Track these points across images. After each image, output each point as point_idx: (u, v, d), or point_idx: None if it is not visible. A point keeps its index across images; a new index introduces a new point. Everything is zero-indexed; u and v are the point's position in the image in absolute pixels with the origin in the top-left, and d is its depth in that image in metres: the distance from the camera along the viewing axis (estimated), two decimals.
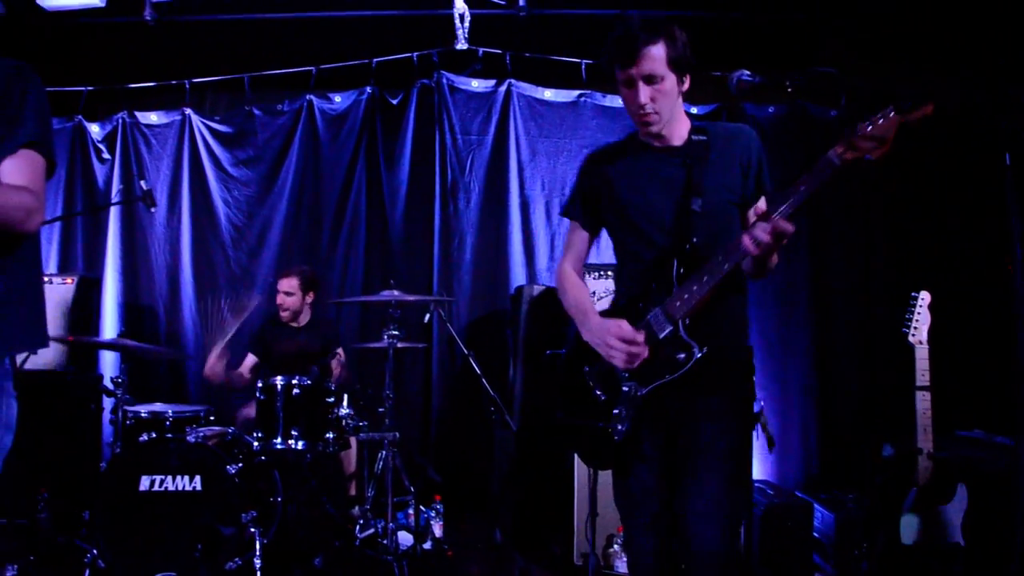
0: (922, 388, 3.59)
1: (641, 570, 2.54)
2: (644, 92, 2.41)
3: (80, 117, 6.07)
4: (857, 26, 5.41)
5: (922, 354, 3.61)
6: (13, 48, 4.95)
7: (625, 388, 2.43)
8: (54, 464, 4.99)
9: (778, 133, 5.71)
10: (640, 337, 2.38)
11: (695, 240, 2.40)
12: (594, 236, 2.73)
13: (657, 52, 2.40)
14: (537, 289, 5.05)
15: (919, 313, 3.64)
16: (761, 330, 5.59)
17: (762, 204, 2.54)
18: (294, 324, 5.26)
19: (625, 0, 5.41)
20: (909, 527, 3.55)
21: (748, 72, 2.54)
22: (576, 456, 4.31)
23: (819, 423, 5.53)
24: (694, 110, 5.75)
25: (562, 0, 5.43)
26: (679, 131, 2.55)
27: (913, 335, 3.63)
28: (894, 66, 5.45)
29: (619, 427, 2.43)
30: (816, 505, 4.55)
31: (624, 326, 2.39)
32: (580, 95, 5.76)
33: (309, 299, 5.25)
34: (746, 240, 2.23)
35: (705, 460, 2.40)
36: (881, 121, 2.19)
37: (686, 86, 2.53)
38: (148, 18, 5.35)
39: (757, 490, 4.72)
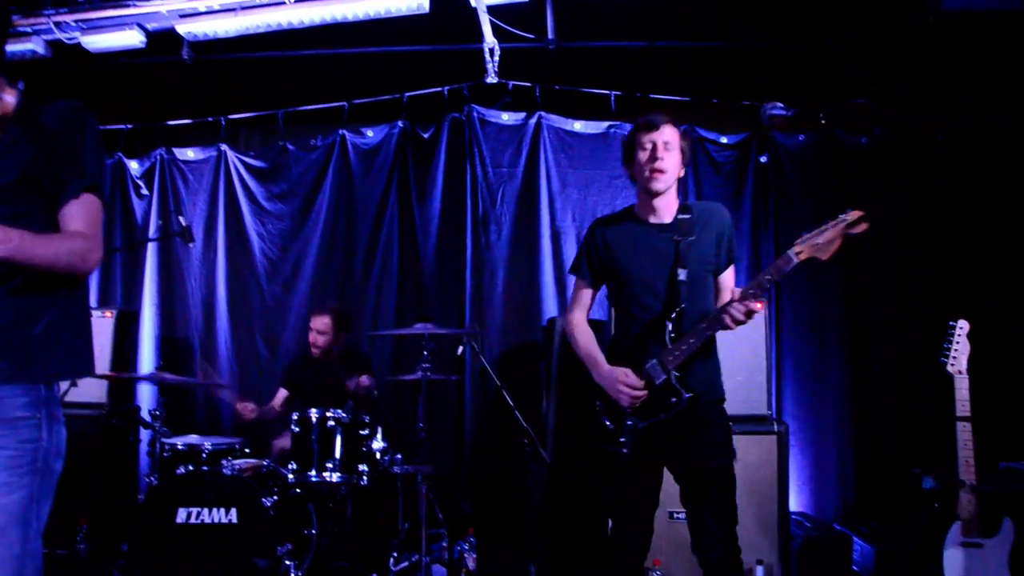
0: (963, 419, 3.54)
1: (626, 559, 3.16)
2: (660, 151, 3.08)
3: (120, 154, 6.21)
4: (886, 53, 5.41)
5: (962, 384, 3.56)
6: (59, 88, 5.11)
7: (629, 422, 3.06)
8: (93, 495, 5.05)
9: (808, 161, 5.71)
10: (642, 383, 3.02)
11: (683, 306, 3.03)
12: (597, 291, 3.36)
13: (673, 131, 3.13)
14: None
15: (958, 342, 3.60)
16: (795, 361, 5.55)
17: (728, 273, 3.23)
18: (325, 360, 5.30)
19: (653, 32, 5.46)
20: (952, 562, 3.48)
21: (781, 105, 2.62)
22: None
23: (856, 454, 5.46)
24: (724, 139, 5.77)
25: (590, 33, 5.47)
26: (670, 209, 3.17)
27: (952, 365, 3.58)
28: (924, 92, 5.44)
29: (623, 450, 3.06)
30: (855, 538, 4.49)
31: (630, 374, 3.04)
32: (610, 126, 5.78)
33: (341, 339, 5.29)
34: (726, 318, 2.91)
35: (706, 480, 3.03)
36: (828, 231, 2.87)
37: (682, 173, 3.19)
38: (185, 57, 5.46)
39: (794, 522, 4.67)
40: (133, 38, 5.19)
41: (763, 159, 5.68)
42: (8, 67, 2.28)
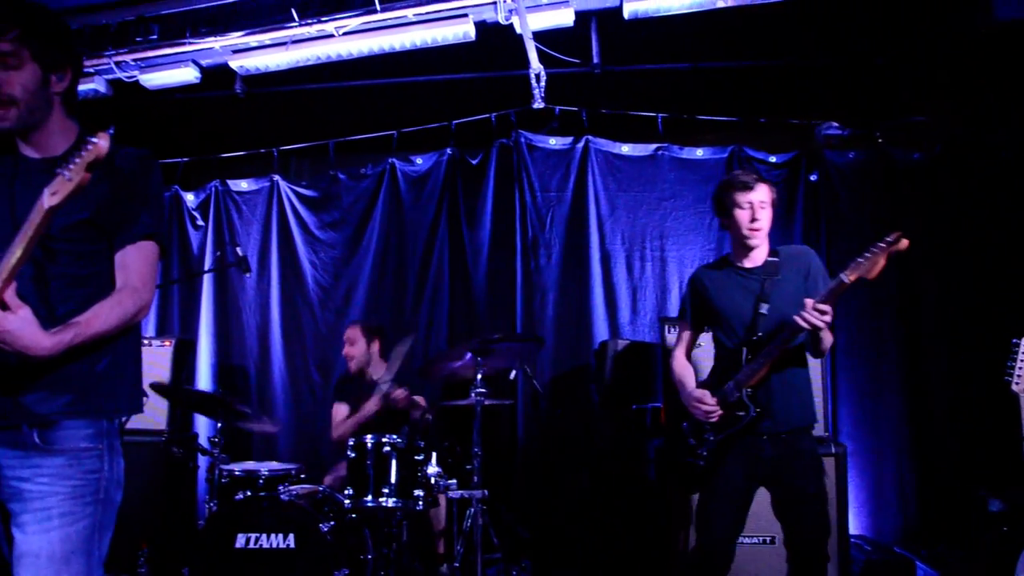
0: None
1: (710, 561, 3.36)
2: (759, 212, 3.41)
3: (176, 187, 6.37)
4: (938, 67, 5.34)
5: None
6: (118, 125, 5.27)
7: (708, 436, 3.42)
8: (154, 520, 5.14)
9: (859, 178, 5.65)
10: (713, 401, 3.40)
11: (760, 334, 3.36)
12: (698, 332, 3.76)
13: (766, 188, 3.45)
14: (621, 344, 5.05)
15: (1022, 360, 3.53)
16: (851, 381, 5.47)
17: None
18: (373, 376, 5.36)
19: (698, 53, 5.46)
20: None
21: (836, 124, 2.65)
22: (671, 520, 4.41)
23: (915, 475, 5.34)
24: (773, 159, 5.74)
25: (635, 56, 5.49)
26: (762, 255, 3.50)
27: (1017, 383, 3.51)
28: (978, 105, 5.36)
29: (700, 463, 3.43)
30: (918, 562, 4.40)
31: (706, 394, 3.44)
32: (657, 148, 5.79)
33: (375, 348, 5.33)
34: (798, 320, 3.15)
35: (805, 494, 3.30)
36: (875, 254, 3.11)
37: (771, 217, 3.49)
38: (238, 91, 5.59)
39: (854, 546, 4.58)
40: (188, 74, 5.33)
41: (813, 177, 5.64)
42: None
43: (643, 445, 4.88)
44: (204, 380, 6.19)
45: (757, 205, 3.41)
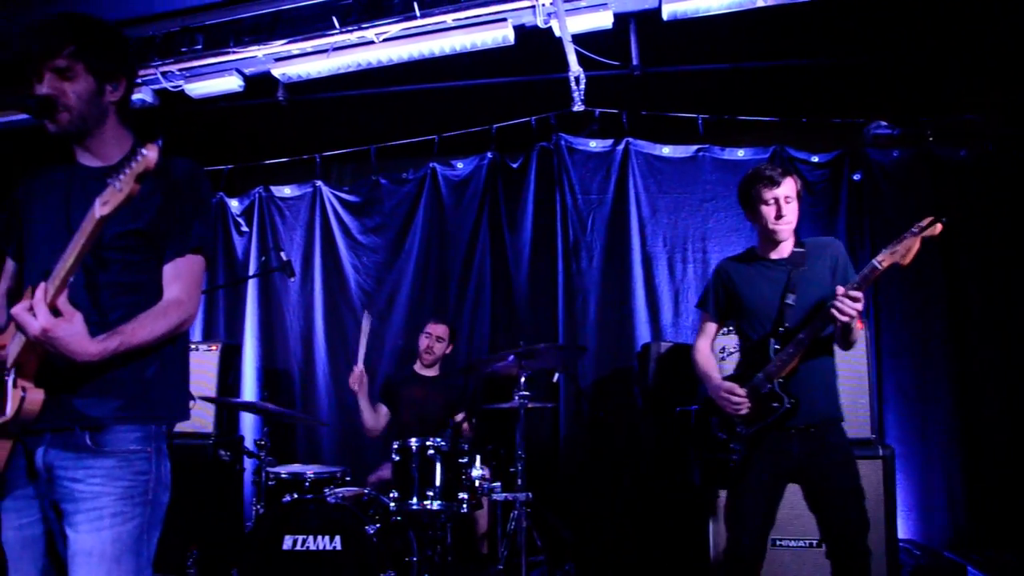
0: None
1: (741, 558, 3.34)
2: (785, 208, 3.42)
3: (222, 194, 6.47)
4: (986, 63, 5.25)
5: None
6: (164, 133, 5.36)
7: (738, 429, 3.40)
8: (202, 522, 5.22)
9: (903, 176, 5.55)
10: (743, 392, 3.36)
11: (787, 325, 3.36)
12: (721, 324, 3.77)
13: (792, 183, 3.48)
14: (664, 346, 5.03)
15: None
16: (897, 382, 5.39)
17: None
18: (424, 372, 5.41)
19: (738, 54, 5.43)
20: None
21: (885, 124, 2.64)
22: (711, 520, 4.38)
23: (965, 477, 5.25)
24: (815, 158, 5.68)
25: (675, 57, 5.47)
26: (788, 247, 3.51)
27: None
28: None
29: (733, 457, 3.40)
30: (969, 567, 4.33)
31: (734, 386, 3.39)
32: (698, 149, 5.76)
33: (448, 350, 5.43)
34: (834, 312, 3.14)
35: (842, 489, 3.28)
36: (907, 240, 3.10)
37: (798, 211, 3.51)
38: (281, 98, 5.65)
39: (902, 551, 4.52)
40: (232, 83, 5.40)
41: (856, 177, 5.57)
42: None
43: (686, 448, 4.85)
44: (249, 384, 6.27)
45: (783, 200, 3.42)
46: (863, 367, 4.45)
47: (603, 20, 4.84)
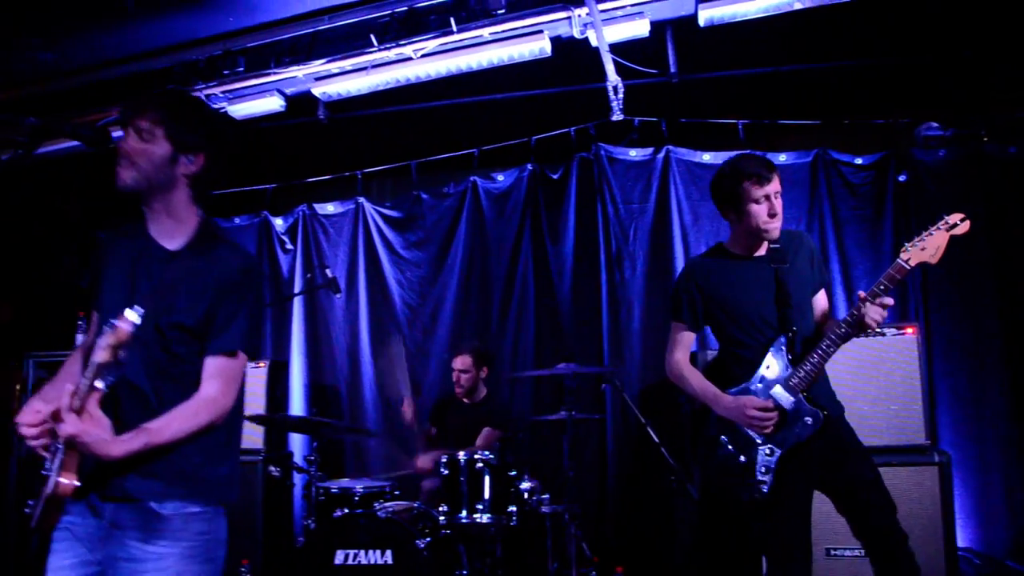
0: None
1: None
2: (776, 205, 3.20)
3: (266, 212, 6.56)
4: None
5: None
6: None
7: (765, 450, 3.11)
8: (253, 537, 5.28)
9: (951, 176, 5.45)
10: (772, 405, 3.10)
11: (794, 328, 3.17)
12: (699, 332, 3.50)
13: (778, 177, 3.24)
14: (711, 354, 4.99)
15: None
16: (950, 385, 5.28)
17: (822, 293, 3.43)
18: (468, 400, 5.40)
19: (776, 57, 5.38)
20: None
21: (936, 125, 2.60)
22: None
23: None
24: (859, 160, 5.62)
25: (713, 63, 5.44)
26: (765, 243, 3.31)
27: None
28: None
29: (765, 480, 3.10)
30: None
31: (757, 400, 3.12)
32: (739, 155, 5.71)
33: (483, 374, 5.39)
34: (870, 322, 3.02)
35: (865, 481, 3.13)
36: (933, 235, 2.98)
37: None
38: (321, 117, 5.71)
39: (962, 559, 4.43)
40: (274, 103, 5.47)
41: (902, 178, 5.49)
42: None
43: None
44: (297, 400, 6.34)
45: (774, 197, 3.20)
46: (915, 371, 4.36)
47: (640, 28, 4.83)
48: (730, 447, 3.21)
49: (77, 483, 2.16)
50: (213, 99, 5.38)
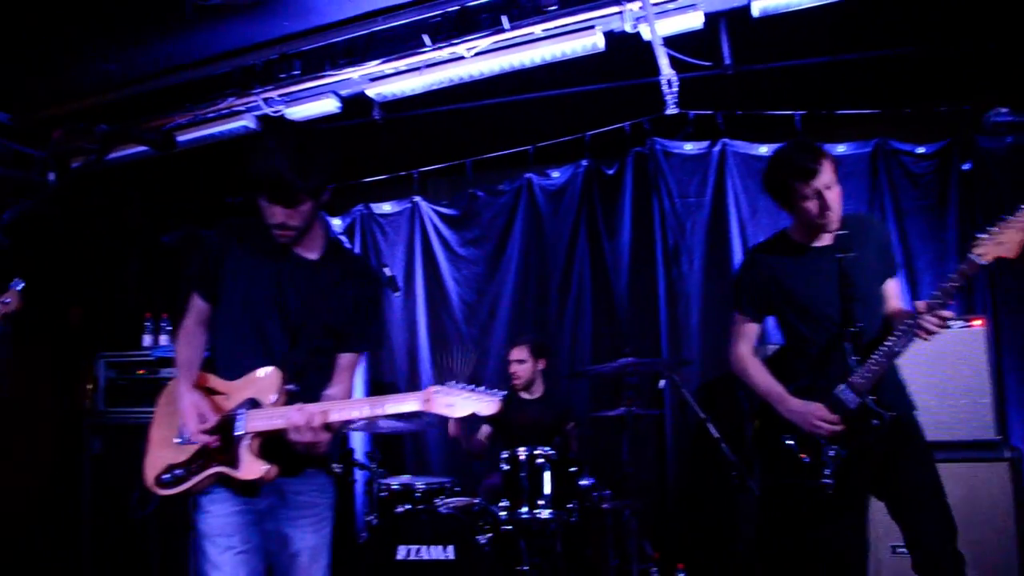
0: None
1: None
2: (828, 198, 2.99)
3: (322, 213, 6.62)
4: None
5: None
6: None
7: (830, 452, 3.00)
8: None
9: (1018, 163, 5.31)
10: (837, 417, 2.97)
11: (860, 324, 3.00)
12: (761, 323, 3.37)
13: (829, 165, 3.02)
14: (771, 349, 4.93)
15: None
16: (1020, 378, 5.13)
17: (893, 283, 3.22)
18: (527, 395, 5.42)
19: (833, 46, 5.29)
20: None
21: (1006, 111, 2.51)
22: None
23: None
24: (920, 149, 5.50)
25: (768, 54, 5.36)
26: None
27: None
28: None
29: (829, 482, 2.98)
30: None
31: (823, 410, 2.99)
32: None
33: (541, 366, 5.40)
34: (921, 332, 2.84)
35: (924, 492, 2.97)
36: (1010, 228, 2.74)
37: (841, 193, 3.09)
38: (376, 117, 5.77)
39: None
40: (330, 105, 5.53)
41: (966, 166, 5.36)
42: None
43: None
44: (358, 396, 6.40)
45: (824, 191, 2.98)
46: (983, 365, 4.26)
47: (693, 21, 4.79)
48: (794, 446, 3.11)
49: (276, 469, 2.60)
50: (271, 102, 5.47)
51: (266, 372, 2.67)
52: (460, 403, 2.44)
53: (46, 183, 2.43)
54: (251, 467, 2.59)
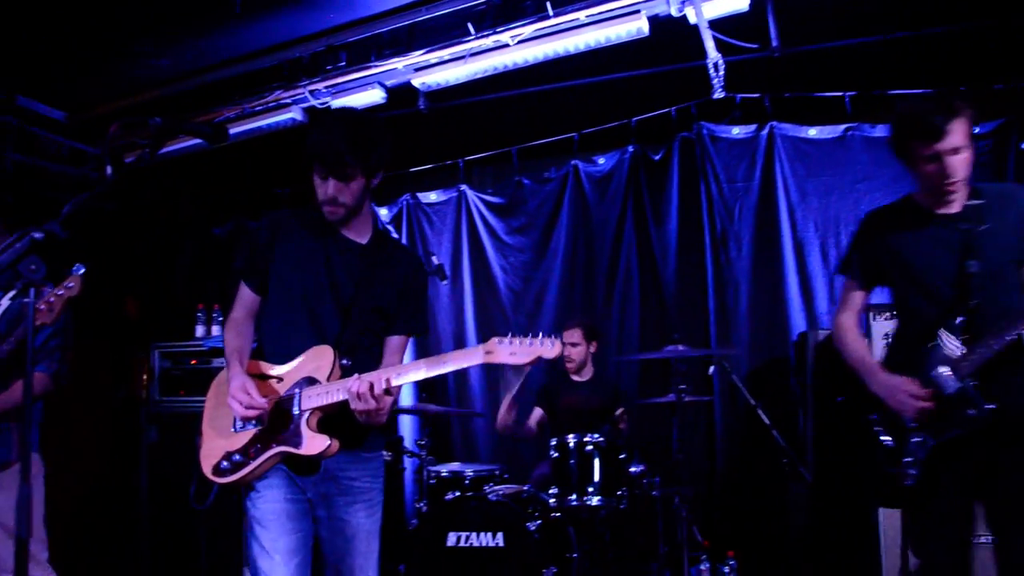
0: None
1: None
2: (953, 164, 2.68)
3: (373, 204, 6.69)
4: None
5: None
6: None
7: (916, 439, 2.72)
8: None
9: None
10: (928, 394, 2.69)
11: (975, 302, 2.68)
12: (869, 291, 3.06)
13: (961, 125, 2.67)
14: (822, 335, 4.87)
15: None
16: None
17: None
18: (577, 378, 5.42)
19: (883, 25, 5.17)
20: None
21: None
22: (880, 509, 4.16)
23: None
24: (976, 129, 5.33)
25: (817, 34, 5.27)
26: (961, 199, 2.81)
27: None
28: None
29: (910, 471, 2.71)
30: None
31: (914, 385, 2.72)
32: (847, 129, 5.53)
33: (592, 348, 5.40)
34: None
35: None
36: None
37: (971, 157, 2.76)
38: (422, 107, 5.79)
39: None
40: (376, 96, 5.56)
41: None
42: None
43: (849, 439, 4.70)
44: (406, 386, 6.43)
45: (948, 155, 2.66)
46: None
47: (740, 3, 4.72)
48: (878, 427, 2.84)
49: (338, 443, 2.63)
50: (317, 94, 5.51)
51: (319, 350, 2.71)
52: (522, 351, 2.39)
53: (102, 177, 2.50)
54: (313, 443, 2.61)
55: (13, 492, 2.21)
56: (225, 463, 2.73)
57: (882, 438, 2.82)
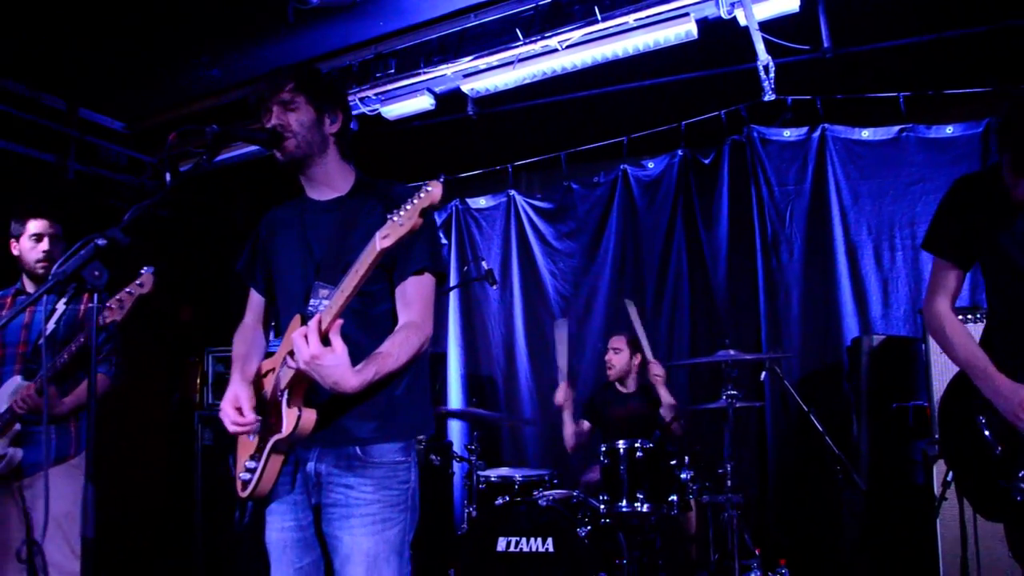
0: None
1: None
2: None
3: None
4: None
5: None
6: (364, 155, 5.65)
7: None
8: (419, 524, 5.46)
9: None
10: None
11: None
12: (967, 271, 2.65)
13: None
14: (877, 339, 4.79)
15: None
16: None
17: None
18: (623, 389, 5.39)
19: (938, 22, 5.07)
20: None
21: None
22: (938, 520, 4.06)
23: None
24: None
25: (869, 34, 5.19)
26: None
27: None
28: None
29: (1020, 485, 2.37)
30: None
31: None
32: (901, 130, 5.44)
33: (636, 360, 5.36)
34: None
35: None
36: None
37: None
38: (471, 112, 5.82)
39: None
40: (424, 102, 5.60)
41: None
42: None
43: (906, 446, 4.61)
44: (455, 391, 6.51)
45: None
46: None
47: (790, 3, 4.67)
48: (987, 432, 2.51)
49: (314, 413, 2.30)
50: (367, 101, 5.57)
51: (294, 321, 2.44)
52: (410, 211, 2.05)
53: (161, 184, 2.53)
54: (288, 420, 2.31)
55: (70, 483, 2.19)
56: (244, 475, 2.51)
57: (992, 444, 2.49)
